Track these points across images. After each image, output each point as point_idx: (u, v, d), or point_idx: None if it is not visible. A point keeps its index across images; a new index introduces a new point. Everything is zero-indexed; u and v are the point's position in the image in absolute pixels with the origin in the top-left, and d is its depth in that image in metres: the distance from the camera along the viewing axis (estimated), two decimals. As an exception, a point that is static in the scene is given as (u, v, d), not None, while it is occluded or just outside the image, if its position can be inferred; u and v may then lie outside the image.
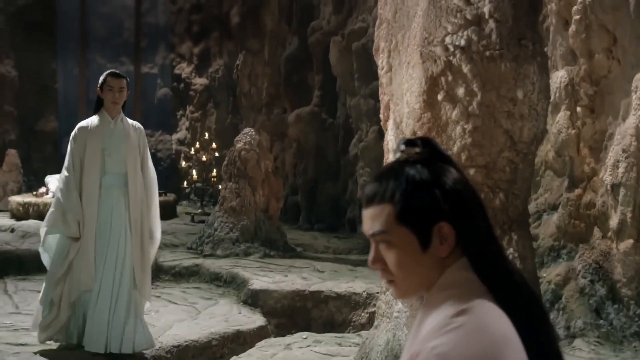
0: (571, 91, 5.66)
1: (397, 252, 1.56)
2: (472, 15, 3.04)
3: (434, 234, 1.53)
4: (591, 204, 5.60)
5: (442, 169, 1.56)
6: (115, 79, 5.23)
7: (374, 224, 1.58)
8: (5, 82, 13.64)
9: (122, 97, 5.25)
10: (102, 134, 5.23)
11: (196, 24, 14.24)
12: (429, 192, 1.53)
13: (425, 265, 1.55)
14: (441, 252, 1.53)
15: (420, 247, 1.54)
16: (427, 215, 1.53)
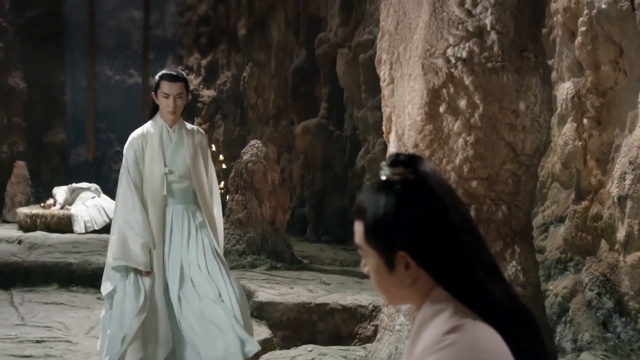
0: (577, 103, 5.63)
1: (371, 268, 1.61)
2: (474, 27, 3.03)
3: (398, 261, 1.55)
4: (598, 216, 5.56)
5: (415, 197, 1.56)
6: (171, 84, 4.48)
7: (355, 236, 1.63)
8: (14, 94, 13.68)
9: (179, 105, 4.52)
10: (159, 147, 4.58)
11: (204, 36, 14.28)
12: (390, 221, 1.54)
13: (395, 285, 1.58)
14: (405, 278, 1.55)
15: (387, 269, 1.57)
16: (388, 242, 1.55)
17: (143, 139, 4.56)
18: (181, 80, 4.54)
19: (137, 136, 4.60)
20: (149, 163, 4.55)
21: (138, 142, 4.57)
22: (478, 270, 1.56)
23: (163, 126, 4.59)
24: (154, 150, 4.55)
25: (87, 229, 10.51)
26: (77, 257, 8.31)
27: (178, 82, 4.51)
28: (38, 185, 13.41)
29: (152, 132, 4.57)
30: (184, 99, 4.57)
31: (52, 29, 14.22)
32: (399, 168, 1.59)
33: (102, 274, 4.49)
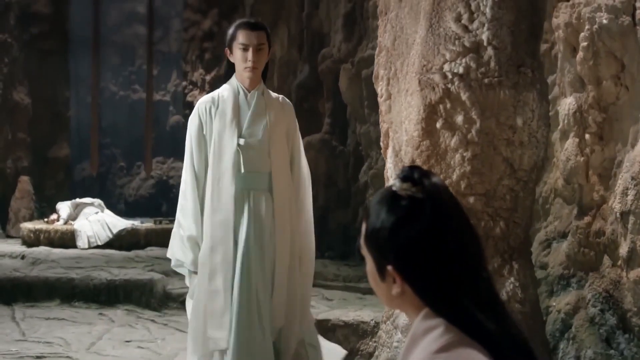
0: (579, 118, 5.62)
1: (368, 269, 1.65)
2: (471, 43, 3.03)
3: (387, 273, 1.58)
4: (601, 232, 5.54)
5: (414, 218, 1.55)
6: (250, 33, 3.68)
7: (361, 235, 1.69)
8: (18, 110, 13.72)
9: (261, 59, 3.72)
10: (233, 114, 3.71)
11: (208, 51, 14.32)
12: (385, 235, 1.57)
13: (386, 293, 1.61)
14: (393, 290, 1.58)
15: (378, 277, 1.61)
16: (380, 253, 1.59)
17: (212, 104, 3.75)
18: (262, 29, 3.79)
19: (204, 100, 3.81)
20: (218, 133, 3.70)
21: (205, 108, 3.76)
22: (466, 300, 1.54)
23: (239, 88, 3.78)
24: (226, 117, 3.70)
25: (90, 244, 10.51)
26: (80, 273, 8.30)
27: (258, 31, 3.74)
28: (42, 200, 13.43)
29: (225, 96, 3.77)
30: (266, 53, 3.75)
31: (57, 44, 14.27)
32: (408, 184, 1.59)
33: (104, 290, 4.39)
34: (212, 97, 3.81)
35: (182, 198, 3.82)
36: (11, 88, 13.58)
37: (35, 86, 13.95)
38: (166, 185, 14.75)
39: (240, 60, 3.73)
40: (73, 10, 14.53)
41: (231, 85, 3.82)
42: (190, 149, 3.79)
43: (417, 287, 1.55)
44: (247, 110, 3.77)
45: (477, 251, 1.61)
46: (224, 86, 3.85)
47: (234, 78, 3.83)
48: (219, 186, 3.70)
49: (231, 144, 3.70)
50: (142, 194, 14.90)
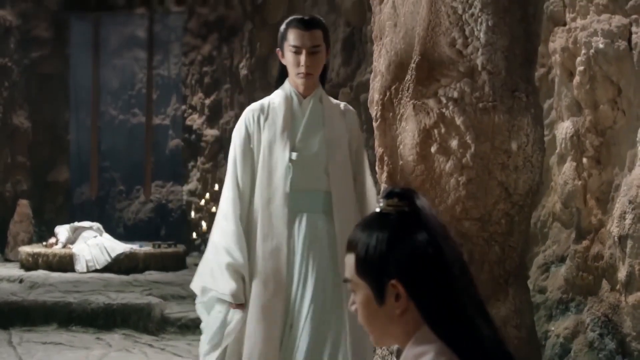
0: (577, 142, 5.62)
1: (360, 301, 1.62)
2: (465, 67, 3.04)
3: (388, 291, 1.56)
4: (599, 256, 5.53)
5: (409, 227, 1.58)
6: (302, 33, 3.18)
7: (345, 270, 1.65)
8: (18, 133, 13.76)
9: (316, 63, 3.22)
10: (285, 124, 3.20)
11: (208, 76, 14.35)
12: (383, 250, 1.56)
13: (384, 319, 1.59)
14: (396, 309, 1.57)
15: (376, 301, 1.58)
16: (380, 271, 1.56)
17: (261, 112, 3.25)
18: (317, 27, 3.24)
19: (253, 108, 3.30)
20: (267, 146, 3.20)
21: (253, 117, 3.24)
22: (467, 306, 1.57)
23: (293, 94, 3.27)
24: (277, 127, 3.19)
25: (88, 268, 10.48)
26: (77, 297, 8.28)
27: (313, 30, 3.21)
28: (41, 223, 13.42)
29: (276, 104, 3.26)
30: (323, 56, 3.24)
31: (57, 68, 14.34)
32: (394, 200, 1.62)
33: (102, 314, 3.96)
34: (262, 104, 3.28)
35: (223, 219, 3.21)
36: (11, 112, 13.62)
37: (35, 110, 13.99)
38: (165, 209, 14.73)
39: (292, 65, 3.21)
40: (73, 34, 14.60)
41: (284, 90, 3.28)
42: (234, 163, 3.25)
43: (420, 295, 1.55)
44: (301, 120, 3.24)
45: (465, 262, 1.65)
46: (276, 92, 3.31)
47: (287, 82, 3.29)
48: (270, 209, 3.14)
49: (282, 159, 3.15)
50: (141, 218, 14.88)
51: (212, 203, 12.55)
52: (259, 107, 3.30)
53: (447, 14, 3.03)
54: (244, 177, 3.24)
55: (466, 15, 3.10)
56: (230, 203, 3.21)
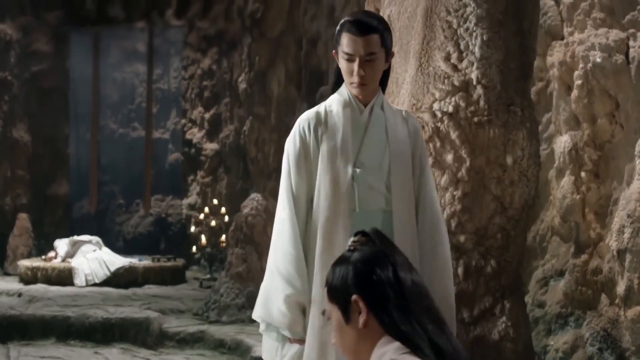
0: (575, 156, 5.62)
1: (334, 327, 1.84)
2: (460, 82, 3.04)
3: (352, 308, 1.79)
4: (598, 270, 5.52)
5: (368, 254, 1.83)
6: (355, 38, 2.75)
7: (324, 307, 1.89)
8: (18, 147, 13.77)
9: (372, 72, 2.79)
10: (345, 135, 2.82)
11: (207, 89, 14.38)
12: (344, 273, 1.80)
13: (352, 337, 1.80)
14: (360, 322, 1.78)
15: (344, 319, 1.81)
16: (342, 291, 1.80)
17: (318, 121, 2.84)
18: (374, 31, 2.76)
19: (308, 117, 2.90)
20: (327, 158, 2.81)
21: (309, 126, 2.85)
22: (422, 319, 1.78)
23: (352, 101, 2.86)
24: (338, 138, 2.81)
25: (87, 282, 10.47)
26: (76, 311, 8.26)
27: (368, 36, 2.75)
28: (41, 237, 13.41)
29: (334, 112, 2.86)
30: (380, 63, 2.80)
31: (57, 82, 14.37)
32: (359, 237, 1.87)
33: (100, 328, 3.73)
34: (318, 111, 2.88)
35: (280, 242, 2.87)
36: (11, 125, 13.64)
37: (35, 124, 14.01)
38: (165, 223, 14.73)
39: (346, 73, 2.82)
40: (73, 48, 14.64)
41: (341, 95, 2.88)
42: (288, 178, 2.85)
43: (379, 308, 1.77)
44: (362, 130, 2.84)
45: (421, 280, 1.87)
46: (333, 97, 2.92)
47: (344, 87, 2.88)
48: (331, 232, 2.76)
49: (344, 175, 2.78)
50: (141, 232, 14.87)
51: (211, 217, 12.54)
52: (315, 115, 2.88)
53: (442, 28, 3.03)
54: (300, 193, 2.85)
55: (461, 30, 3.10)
56: (288, 223, 2.83)
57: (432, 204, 2.87)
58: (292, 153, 2.85)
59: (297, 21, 11.98)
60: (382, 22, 2.86)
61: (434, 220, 2.86)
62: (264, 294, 2.94)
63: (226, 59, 14.00)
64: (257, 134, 12.44)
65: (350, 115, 2.84)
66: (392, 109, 2.92)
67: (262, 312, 2.92)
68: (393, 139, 2.82)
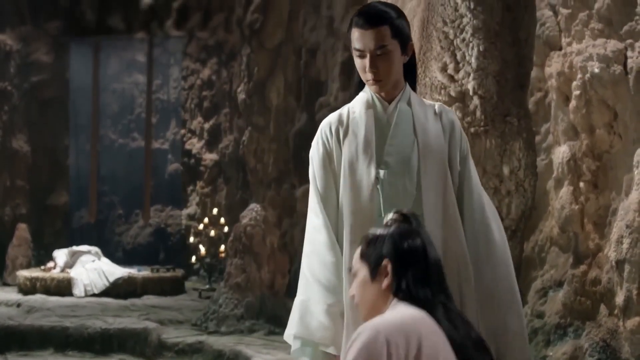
0: (574, 166, 5.63)
1: (358, 281, 2.20)
2: (456, 92, 3.05)
3: (380, 270, 2.14)
4: (597, 281, 5.52)
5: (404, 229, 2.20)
6: (363, 32, 2.57)
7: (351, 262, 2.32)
8: (18, 157, 13.77)
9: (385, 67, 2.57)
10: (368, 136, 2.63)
11: (207, 100, 14.38)
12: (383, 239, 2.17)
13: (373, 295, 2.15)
14: (384, 284, 2.13)
15: (370, 277, 2.16)
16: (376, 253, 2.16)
17: (339, 124, 2.67)
18: (382, 22, 2.56)
19: (330, 120, 2.72)
20: (348, 163, 2.63)
21: (330, 130, 2.67)
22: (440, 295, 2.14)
23: (375, 99, 2.67)
24: (359, 140, 2.62)
25: (86, 292, 10.44)
26: (74, 321, 8.24)
27: (376, 28, 2.55)
28: (40, 247, 13.38)
29: (356, 112, 2.69)
30: (393, 56, 2.58)
31: (56, 93, 14.37)
32: (396, 215, 2.26)
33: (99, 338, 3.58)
34: (340, 114, 2.72)
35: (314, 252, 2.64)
36: (11, 136, 13.64)
37: (34, 134, 14.02)
38: (164, 234, 14.70)
39: (360, 70, 2.65)
40: (73, 58, 14.66)
41: (365, 94, 2.71)
42: (316, 187, 2.68)
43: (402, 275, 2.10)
44: (387, 129, 2.63)
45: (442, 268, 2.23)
46: (357, 97, 2.76)
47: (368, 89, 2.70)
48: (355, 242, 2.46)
49: (367, 178, 2.59)
50: (140, 242, 14.85)
51: (210, 227, 12.52)
52: (337, 117, 2.70)
53: (439, 39, 3.04)
54: (329, 200, 2.65)
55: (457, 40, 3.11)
56: (323, 230, 2.62)
57: (472, 205, 2.64)
58: (316, 159, 2.69)
59: (296, 31, 12.00)
60: (394, 11, 2.62)
61: (483, 219, 2.63)
62: (299, 309, 2.62)
63: (226, 70, 14.01)
64: (256, 144, 12.44)
65: (373, 114, 2.64)
66: (422, 104, 2.69)
67: (297, 329, 2.58)
68: (422, 136, 2.59)
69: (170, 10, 14.43)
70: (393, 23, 2.57)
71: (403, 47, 2.61)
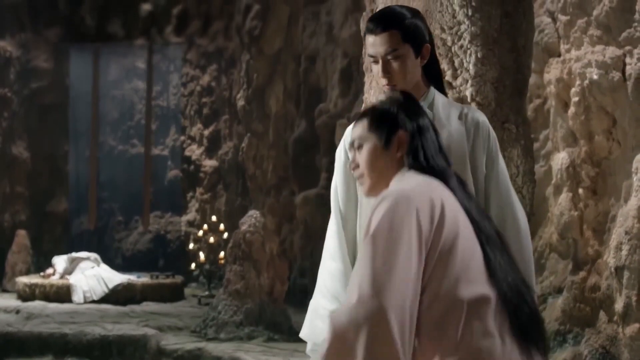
0: (573, 173, 5.63)
1: (367, 152, 2.15)
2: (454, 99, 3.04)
3: (394, 139, 2.12)
4: (596, 287, 5.51)
5: (417, 106, 2.23)
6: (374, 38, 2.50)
7: (353, 135, 2.22)
8: (17, 163, 13.77)
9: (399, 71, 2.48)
10: None
11: (207, 106, 14.40)
12: (395, 109, 2.16)
13: (384, 164, 2.13)
14: (399, 152, 2.12)
15: (384, 147, 2.12)
16: (390, 122, 2.14)
17: None
18: (392, 25, 2.48)
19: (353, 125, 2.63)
20: None
21: None
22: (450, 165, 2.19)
23: None
24: None
25: (85, 299, 10.44)
26: (73, 328, 8.23)
27: (386, 32, 2.47)
28: (39, 254, 13.38)
29: None
30: (408, 60, 2.49)
31: (56, 99, 14.38)
32: (398, 93, 2.28)
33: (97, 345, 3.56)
34: None
35: (330, 258, 2.68)
36: (10, 142, 13.65)
37: (34, 140, 14.02)
38: (164, 240, 14.70)
39: (375, 76, 2.61)
40: (73, 65, 14.67)
41: None
42: (335, 192, 2.69)
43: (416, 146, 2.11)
44: None
45: None
46: None
47: None
48: None
49: None
50: (140, 249, 14.85)
51: (210, 234, 12.53)
52: None
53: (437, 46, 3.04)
54: (347, 206, 2.65)
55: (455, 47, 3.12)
56: (335, 237, 2.66)
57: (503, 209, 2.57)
58: (337, 164, 2.69)
59: (296, 38, 12.01)
60: (408, 13, 2.53)
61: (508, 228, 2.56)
62: (310, 311, 2.67)
63: (225, 76, 14.03)
64: (255, 151, 12.45)
65: None
66: (448, 106, 2.61)
67: (307, 331, 2.65)
68: (447, 140, 2.45)
69: (170, 17, 14.46)
70: (404, 26, 2.48)
71: (417, 50, 2.51)
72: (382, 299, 1.80)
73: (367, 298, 1.81)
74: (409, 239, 1.87)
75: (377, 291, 1.80)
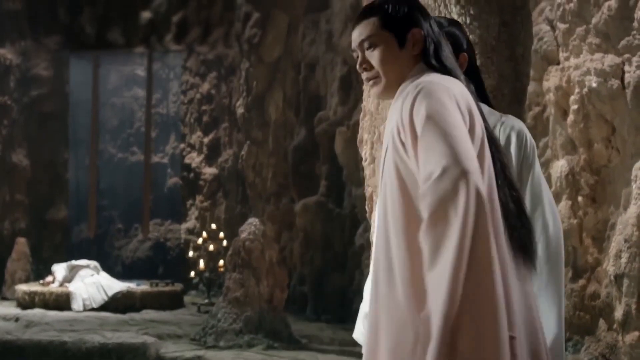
0: (572, 180, 5.63)
1: (382, 51, 2.09)
2: (453, 106, 3.04)
3: (409, 37, 2.09)
4: (596, 295, 5.51)
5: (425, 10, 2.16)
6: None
7: (361, 35, 2.12)
8: (17, 171, 13.78)
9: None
10: None
11: (206, 114, 14.41)
12: (409, 8, 2.11)
13: (401, 62, 2.09)
14: (414, 50, 2.09)
15: (399, 45, 2.08)
16: (404, 21, 2.09)
17: None
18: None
19: None
20: None
21: None
22: None
23: None
24: None
25: (85, 307, 10.43)
26: (72, 336, 8.22)
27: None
28: (39, 262, 13.38)
29: None
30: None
31: (56, 107, 14.40)
32: None
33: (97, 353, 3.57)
34: None
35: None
36: (10, 150, 13.66)
37: (34, 148, 14.03)
38: (163, 248, 14.70)
39: None
40: (72, 73, 14.69)
41: None
42: None
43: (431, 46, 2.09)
44: None
45: None
46: None
47: None
48: None
49: None
50: (139, 256, 14.85)
51: (209, 241, 12.52)
52: None
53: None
54: None
55: (454, 55, 3.11)
56: None
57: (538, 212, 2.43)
58: None
59: (295, 46, 12.03)
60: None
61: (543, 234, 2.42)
62: (360, 312, 2.65)
63: (225, 84, 14.04)
64: (255, 159, 12.45)
65: None
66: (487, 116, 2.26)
67: (355, 331, 2.65)
68: None
69: (170, 25, 14.47)
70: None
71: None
72: (463, 165, 1.80)
73: (451, 166, 1.80)
74: (459, 117, 1.92)
75: (457, 160, 1.81)
